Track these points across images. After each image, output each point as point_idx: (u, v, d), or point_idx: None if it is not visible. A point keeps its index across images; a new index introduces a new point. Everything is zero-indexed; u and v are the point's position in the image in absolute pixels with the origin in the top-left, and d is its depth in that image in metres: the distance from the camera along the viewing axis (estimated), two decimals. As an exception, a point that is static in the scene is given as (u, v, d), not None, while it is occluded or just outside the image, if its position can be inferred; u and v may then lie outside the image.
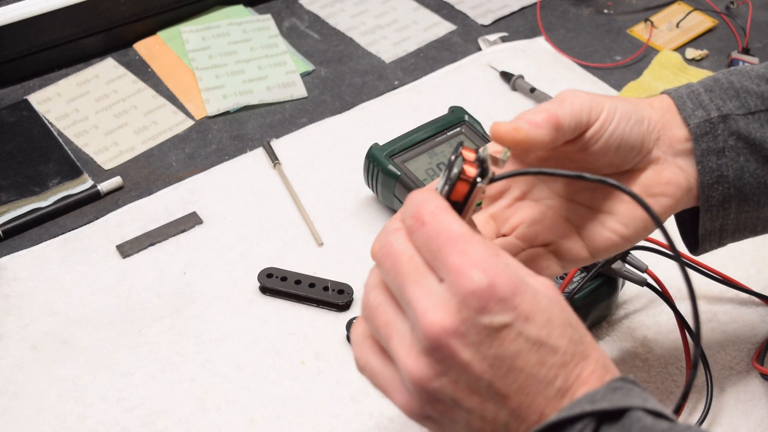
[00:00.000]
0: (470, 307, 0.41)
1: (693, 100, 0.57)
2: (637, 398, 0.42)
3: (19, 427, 0.66)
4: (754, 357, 0.70)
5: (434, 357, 0.42)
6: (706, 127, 0.56)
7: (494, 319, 0.41)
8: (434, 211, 0.44)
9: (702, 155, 0.56)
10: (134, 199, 0.84)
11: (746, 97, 0.57)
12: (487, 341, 0.42)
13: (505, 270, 0.42)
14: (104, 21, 0.99)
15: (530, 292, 0.42)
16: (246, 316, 0.74)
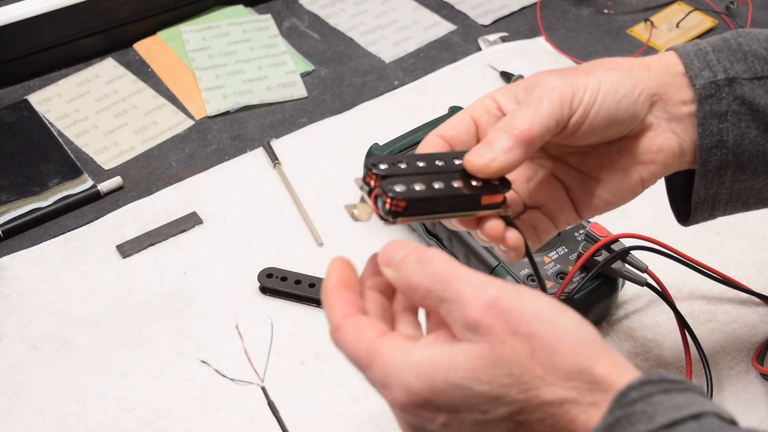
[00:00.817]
0: (414, 422, 0.43)
1: (700, 60, 0.55)
2: (642, 422, 0.38)
3: (19, 427, 0.66)
4: (754, 357, 0.70)
5: (412, 421, 0.44)
6: (711, 89, 0.54)
7: (437, 421, 0.42)
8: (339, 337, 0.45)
9: (704, 118, 0.54)
10: (134, 199, 0.84)
11: (754, 60, 0.55)
12: (452, 429, 0.43)
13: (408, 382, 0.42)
14: (104, 21, 0.99)
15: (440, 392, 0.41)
16: (246, 315, 0.74)
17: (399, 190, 0.45)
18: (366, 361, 0.43)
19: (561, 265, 0.70)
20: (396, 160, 0.47)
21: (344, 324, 0.44)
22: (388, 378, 0.43)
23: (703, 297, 0.75)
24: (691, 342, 0.69)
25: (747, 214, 0.82)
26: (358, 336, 0.44)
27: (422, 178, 0.46)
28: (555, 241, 0.72)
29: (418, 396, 0.42)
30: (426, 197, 0.46)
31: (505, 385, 0.41)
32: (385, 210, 0.45)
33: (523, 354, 0.41)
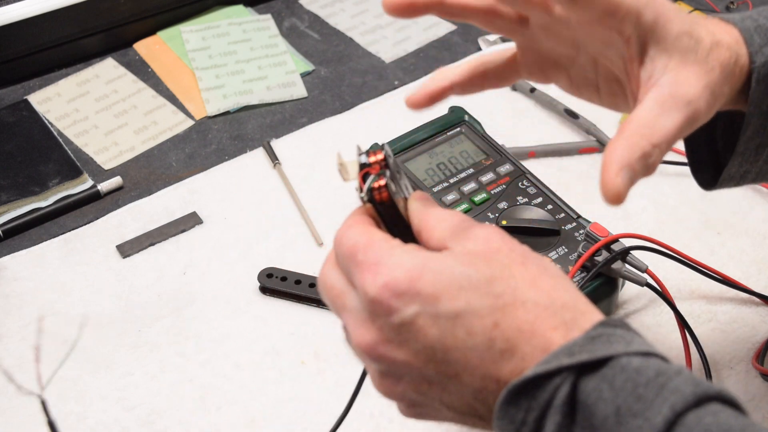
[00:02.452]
0: (379, 314, 0.43)
1: (761, 35, 0.52)
2: (620, 344, 0.40)
3: (19, 427, 0.66)
4: (754, 357, 0.70)
5: (380, 368, 0.45)
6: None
7: (403, 315, 0.42)
8: (344, 231, 0.46)
9: (758, 98, 0.52)
10: (134, 199, 0.84)
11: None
12: (410, 336, 0.42)
13: (399, 261, 0.43)
14: (104, 21, 0.99)
15: (431, 271, 0.42)
16: (246, 316, 0.74)
17: (393, 188, 0.47)
18: (363, 245, 0.44)
19: (561, 265, 0.70)
20: (398, 168, 0.48)
21: (358, 222, 0.46)
22: (381, 257, 0.43)
23: (703, 297, 0.75)
24: (691, 342, 0.69)
25: (747, 213, 0.83)
26: (364, 231, 0.45)
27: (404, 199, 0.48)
28: (555, 241, 0.72)
29: (405, 274, 0.42)
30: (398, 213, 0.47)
31: (497, 275, 0.43)
32: (369, 189, 0.46)
33: (516, 261, 0.44)
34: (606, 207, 0.83)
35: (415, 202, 0.48)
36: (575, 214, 0.75)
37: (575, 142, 0.89)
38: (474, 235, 0.45)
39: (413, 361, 0.43)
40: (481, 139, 0.80)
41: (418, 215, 0.47)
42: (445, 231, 0.46)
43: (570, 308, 0.43)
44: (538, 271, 0.44)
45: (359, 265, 0.44)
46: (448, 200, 0.75)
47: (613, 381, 0.39)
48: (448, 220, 0.46)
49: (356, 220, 0.46)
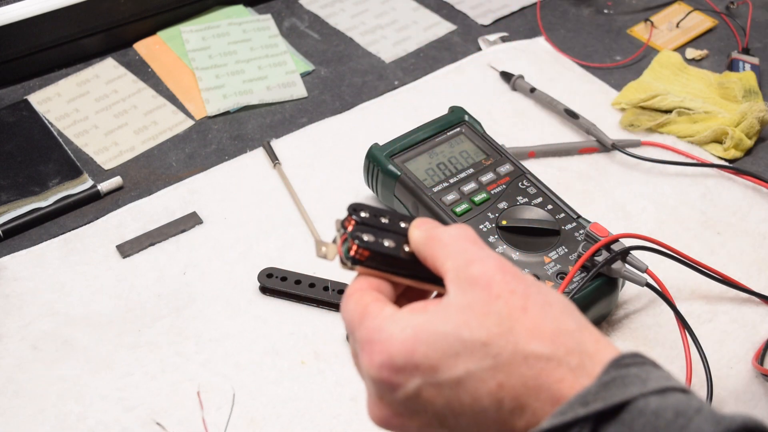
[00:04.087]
0: (384, 391, 0.43)
1: None
2: (635, 385, 0.39)
3: (19, 427, 0.66)
4: (754, 357, 0.70)
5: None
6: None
7: (407, 389, 0.42)
8: (342, 304, 0.46)
9: None
10: (134, 199, 0.84)
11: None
12: (418, 407, 0.42)
13: (391, 335, 0.43)
14: (104, 21, 0.99)
15: (424, 342, 0.42)
16: (246, 316, 0.74)
17: (366, 239, 0.47)
18: (358, 320, 0.44)
19: (561, 265, 0.70)
20: (380, 213, 0.48)
21: (353, 292, 0.46)
22: (373, 333, 0.43)
23: (703, 297, 0.75)
24: (691, 342, 0.69)
25: (747, 214, 0.83)
26: (358, 300, 0.46)
27: (396, 237, 0.48)
28: (555, 241, 0.72)
29: (400, 349, 0.42)
30: (390, 255, 0.47)
31: (494, 334, 0.42)
32: (347, 255, 0.47)
33: (516, 308, 0.42)
34: (606, 207, 0.84)
35: (416, 231, 0.47)
36: (575, 214, 0.75)
37: (575, 142, 0.89)
38: (474, 276, 0.43)
39: (428, 428, 0.43)
40: (481, 139, 0.80)
41: (421, 245, 0.47)
42: (447, 264, 0.45)
43: (576, 352, 0.41)
44: (539, 314, 0.42)
45: (357, 342, 0.44)
46: (448, 200, 0.75)
47: (632, 426, 0.38)
48: (451, 246, 0.45)
49: (353, 289, 0.47)
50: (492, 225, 0.73)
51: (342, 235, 0.48)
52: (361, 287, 0.47)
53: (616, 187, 0.85)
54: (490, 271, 0.43)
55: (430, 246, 0.46)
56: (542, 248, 0.72)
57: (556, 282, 0.69)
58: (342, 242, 0.48)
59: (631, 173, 0.87)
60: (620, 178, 0.86)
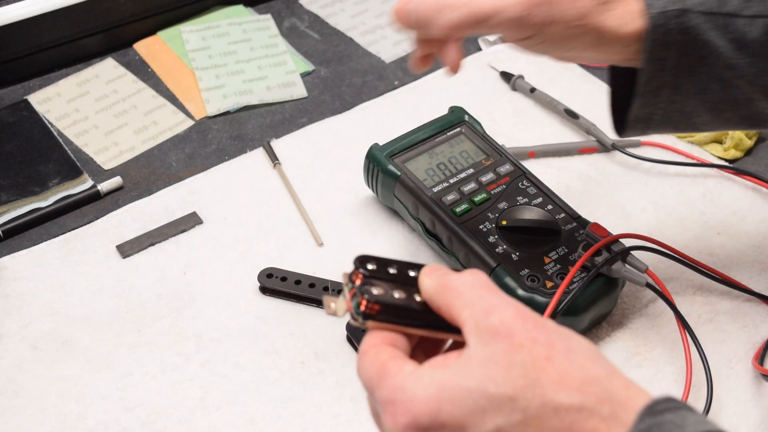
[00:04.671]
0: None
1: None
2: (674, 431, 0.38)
3: (19, 427, 0.66)
4: (754, 357, 0.70)
5: None
6: (661, 19, 0.59)
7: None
8: (359, 362, 0.45)
9: (650, 46, 0.59)
10: (134, 199, 0.84)
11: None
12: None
13: (415, 395, 0.41)
14: (104, 21, 0.99)
15: (449, 400, 0.41)
16: (246, 316, 0.74)
17: (375, 293, 0.45)
18: (377, 380, 0.43)
19: (561, 265, 0.70)
20: (387, 264, 0.47)
21: (368, 350, 0.45)
22: (395, 393, 0.42)
23: (703, 297, 0.75)
24: (691, 342, 0.69)
25: (747, 214, 0.83)
26: (374, 358, 0.44)
27: (406, 288, 0.47)
28: (555, 241, 0.72)
29: (424, 409, 0.41)
30: (401, 306, 0.46)
31: (521, 387, 0.40)
32: (357, 310, 0.46)
33: (540, 357, 0.41)
34: (606, 207, 0.84)
35: (427, 279, 0.46)
36: (575, 214, 0.75)
37: (575, 142, 0.89)
38: (494, 326, 0.42)
39: None
40: (481, 139, 0.80)
41: (434, 294, 0.45)
42: (464, 314, 0.44)
43: (606, 401, 0.40)
44: (565, 363, 0.41)
45: (378, 402, 0.43)
46: (448, 200, 0.75)
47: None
48: (466, 294, 0.44)
49: (367, 346, 0.45)
50: (492, 225, 0.73)
51: (351, 290, 0.46)
52: (375, 343, 0.45)
53: (616, 187, 0.85)
54: (509, 319, 0.42)
55: (444, 295, 0.45)
56: (542, 248, 0.72)
57: (556, 282, 0.69)
58: (351, 297, 0.46)
59: (631, 173, 0.87)
60: (620, 179, 0.86)
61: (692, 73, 0.60)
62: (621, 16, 0.59)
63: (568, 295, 0.67)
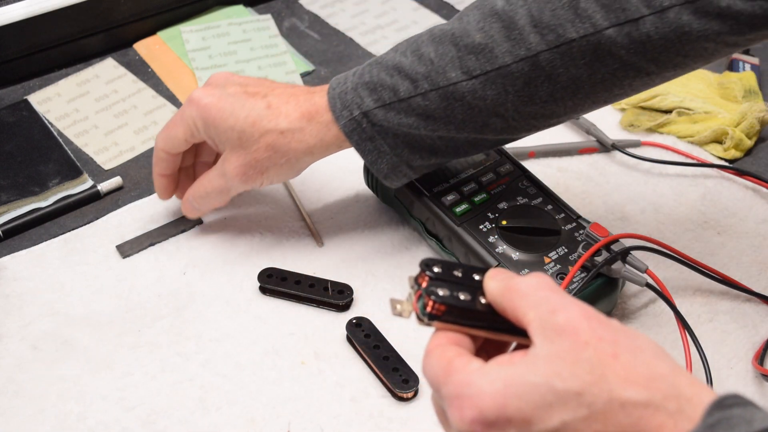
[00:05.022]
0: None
1: (342, 100, 0.69)
2: (741, 426, 0.38)
3: (19, 427, 0.66)
4: (754, 357, 0.70)
5: None
6: (352, 125, 0.69)
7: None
8: (425, 361, 0.46)
9: (357, 145, 0.70)
10: (134, 199, 0.84)
11: (381, 90, 0.68)
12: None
13: (481, 389, 0.42)
14: (104, 21, 0.99)
15: (515, 394, 0.41)
16: (246, 316, 0.74)
17: (442, 294, 0.47)
18: (443, 376, 0.44)
19: (561, 265, 0.70)
20: (453, 267, 0.48)
21: (433, 348, 0.46)
22: (462, 388, 0.42)
23: (703, 297, 0.75)
24: (691, 342, 0.69)
25: (747, 214, 0.83)
26: (440, 356, 0.45)
27: (471, 290, 0.47)
28: (555, 241, 0.72)
29: (491, 404, 0.41)
30: (466, 308, 0.47)
31: (587, 382, 0.41)
32: (423, 311, 0.47)
33: (606, 354, 0.41)
34: (606, 207, 0.84)
35: (492, 282, 0.47)
36: (575, 214, 0.75)
37: (575, 142, 0.89)
38: (560, 325, 0.43)
39: None
40: (481, 139, 0.80)
41: (499, 297, 0.46)
42: (530, 315, 0.44)
43: (673, 397, 0.41)
44: (631, 360, 0.42)
45: (444, 399, 0.44)
46: (448, 200, 0.75)
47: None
48: (531, 296, 0.45)
49: (433, 345, 0.46)
50: (492, 225, 0.73)
51: (416, 292, 0.48)
52: (441, 343, 0.46)
53: (616, 187, 0.85)
54: (575, 318, 0.43)
55: (509, 297, 0.45)
56: (542, 248, 0.72)
57: (556, 282, 0.69)
58: (417, 299, 0.47)
59: (631, 173, 0.87)
60: (620, 179, 0.86)
61: (411, 146, 0.69)
62: (318, 131, 0.70)
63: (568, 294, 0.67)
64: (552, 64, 0.64)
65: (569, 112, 0.69)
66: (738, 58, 1.00)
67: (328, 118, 0.70)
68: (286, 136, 0.70)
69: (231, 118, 0.70)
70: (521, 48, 0.64)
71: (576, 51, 0.64)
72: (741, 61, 1.00)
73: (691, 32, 0.62)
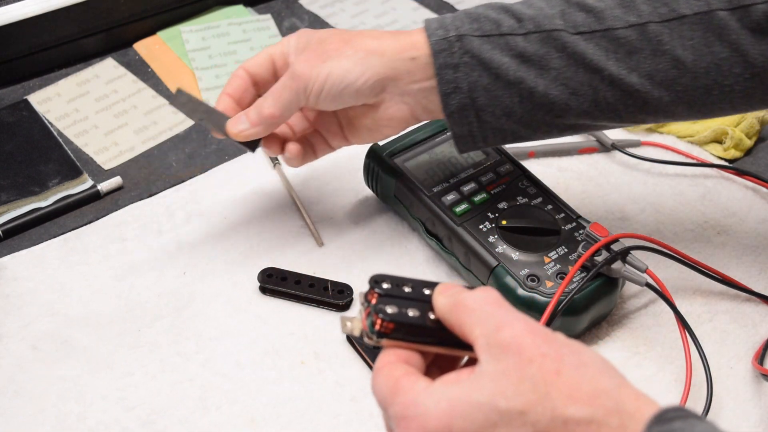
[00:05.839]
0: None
1: (438, 22, 0.67)
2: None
3: (19, 427, 0.66)
4: (754, 357, 0.70)
5: None
6: (443, 44, 0.65)
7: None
8: (373, 379, 0.46)
9: (440, 68, 0.66)
10: (134, 199, 0.84)
11: (485, 21, 0.66)
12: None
13: (427, 410, 0.43)
14: (104, 21, 0.99)
15: (461, 414, 0.42)
16: (246, 315, 0.74)
17: (390, 312, 0.46)
18: (390, 396, 0.44)
19: (561, 265, 0.70)
20: (402, 282, 0.48)
21: (382, 367, 0.46)
22: (407, 409, 0.43)
23: (703, 297, 0.75)
24: (691, 342, 0.69)
25: (747, 214, 0.83)
26: (388, 375, 0.45)
27: (420, 306, 0.47)
28: (555, 241, 0.72)
29: (436, 424, 0.42)
30: (415, 325, 0.47)
31: (531, 401, 0.41)
32: (372, 329, 0.47)
33: (550, 371, 0.42)
34: (606, 207, 0.84)
35: (440, 297, 0.47)
36: (575, 214, 0.75)
37: (575, 142, 0.89)
38: (504, 342, 0.43)
39: None
40: (481, 139, 0.80)
41: (447, 313, 0.46)
42: (476, 331, 0.44)
43: (615, 412, 0.41)
44: (575, 376, 0.42)
45: (392, 419, 0.44)
46: (448, 200, 0.75)
47: None
48: (477, 312, 0.45)
49: (381, 364, 0.46)
50: (492, 225, 0.73)
51: (366, 309, 0.47)
52: (390, 361, 0.46)
53: (616, 187, 0.85)
54: (520, 335, 0.43)
55: (456, 313, 0.46)
56: (542, 248, 0.72)
57: (556, 282, 0.69)
58: (366, 316, 0.47)
59: (631, 173, 0.87)
60: (620, 178, 0.86)
61: (490, 94, 0.65)
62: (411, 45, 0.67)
63: (568, 295, 0.67)
64: (659, 38, 0.63)
65: (662, 110, 0.66)
66: (738, 58, 1.00)
67: (412, 55, 0.67)
68: (365, 38, 0.68)
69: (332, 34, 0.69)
70: (632, 15, 0.63)
71: (686, 28, 0.63)
72: (741, 61, 0.99)
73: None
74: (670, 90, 0.64)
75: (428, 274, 0.77)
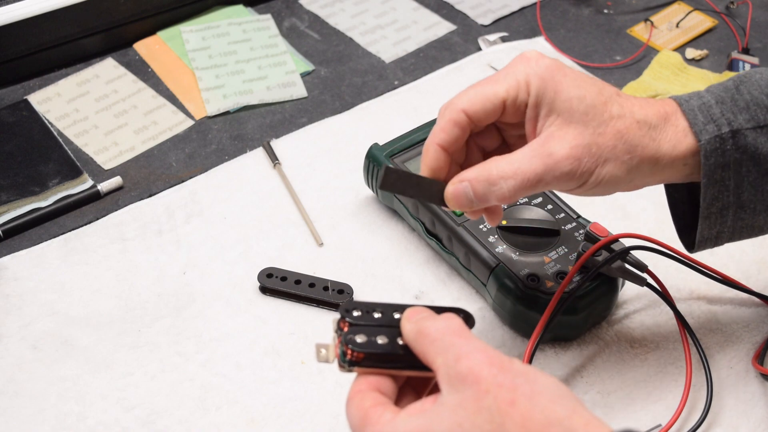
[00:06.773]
0: None
1: (704, 113, 0.58)
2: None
3: (19, 427, 0.66)
4: (754, 357, 0.70)
5: None
6: (716, 143, 0.58)
7: None
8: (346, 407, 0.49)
9: (710, 170, 0.58)
10: (134, 199, 0.84)
11: (756, 109, 0.58)
12: None
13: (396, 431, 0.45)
14: (104, 21, 0.99)
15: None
16: (246, 315, 0.74)
17: (359, 341, 0.49)
18: (359, 427, 0.47)
19: (561, 265, 0.70)
20: (372, 308, 0.50)
21: (353, 396, 0.48)
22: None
23: (703, 297, 0.75)
24: (691, 342, 0.69)
25: (747, 214, 0.82)
26: (358, 405, 0.47)
27: (390, 332, 0.50)
28: (555, 241, 0.72)
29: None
30: (385, 352, 0.49)
31: (486, 431, 0.43)
32: (343, 358, 0.49)
33: (505, 402, 0.43)
34: (606, 207, 0.84)
35: (407, 324, 0.49)
36: (575, 214, 0.75)
37: (575, 142, 0.89)
38: (462, 373, 0.45)
39: None
40: (481, 139, 0.80)
41: (413, 341, 0.49)
42: (438, 361, 0.46)
43: (564, 428, 0.42)
44: (528, 406, 0.43)
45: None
46: (448, 200, 0.75)
47: None
48: (438, 342, 0.47)
49: (353, 393, 0.49)
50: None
51: (338, 337, 0.49)
52: (361, 389, 0.49)
53: (616, 187, 0.85)
54: (477, 366, 0.45)
55: (420, 342, 0.48)
56: (542, 248, 0.72)
57: (556, 282, 0.69)
58: (338, 345, 0.49)
59: (631, 173, 0.87)
60: (620, 178, 0.86)
61: (757, 189, 0.59)
62: (673, 137, 0.58)
63: (568, 295, 0.67)
64: None
65: None
66: (738, 58, 1.00)
67: (684, 126, 0.58)
68: (641, 128, 0.57)
69: (580, 87, 0.57)
70: None
71: None
72: (741, 61, 1.00)
73: None
74: None
75: (428, 274, 0.77)
